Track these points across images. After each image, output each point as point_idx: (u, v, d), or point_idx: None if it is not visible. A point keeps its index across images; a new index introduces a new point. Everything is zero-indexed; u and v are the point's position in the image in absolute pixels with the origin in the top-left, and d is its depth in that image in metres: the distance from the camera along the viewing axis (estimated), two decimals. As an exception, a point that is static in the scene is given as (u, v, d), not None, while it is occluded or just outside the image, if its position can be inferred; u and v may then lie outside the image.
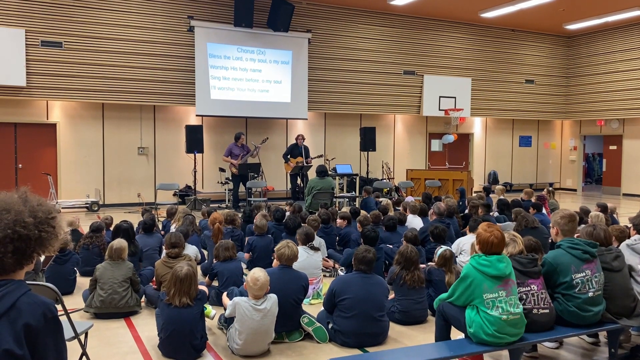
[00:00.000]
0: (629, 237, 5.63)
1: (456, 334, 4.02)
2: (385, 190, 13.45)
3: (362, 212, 8.46)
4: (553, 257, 3.94)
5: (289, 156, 13.27)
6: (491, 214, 8.62)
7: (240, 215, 8.16)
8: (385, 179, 15.28)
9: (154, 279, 5.42)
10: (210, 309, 4.84)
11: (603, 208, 7.82)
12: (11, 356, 1.69)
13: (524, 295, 3.76)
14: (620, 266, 4.07)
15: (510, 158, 18.88)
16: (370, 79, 15.63)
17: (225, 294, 4.84)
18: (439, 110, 16.38)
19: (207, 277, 5.63)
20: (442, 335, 3.93)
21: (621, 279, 4.05)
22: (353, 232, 7.17)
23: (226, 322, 4.47)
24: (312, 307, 5.34)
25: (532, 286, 3.79)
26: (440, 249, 5.29)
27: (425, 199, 9.75)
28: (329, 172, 12.18)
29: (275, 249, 4.73)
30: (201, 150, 12.67)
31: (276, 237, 6.79)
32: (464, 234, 7.01)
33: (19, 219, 1.81)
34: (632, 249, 4.48)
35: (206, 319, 4.56)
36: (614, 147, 18.19)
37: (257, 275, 4.12)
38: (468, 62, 17.09)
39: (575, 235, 4.14)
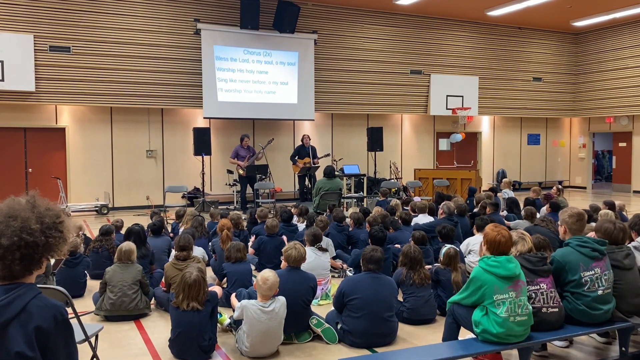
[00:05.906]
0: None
1: (464, 335, 4.01)
2: (393, 190, 13.42)
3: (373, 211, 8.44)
4: (562, 255, 3.91)
5: (296, 157, 13.28)
6: (501, 213, 8.59)
7: (244, 217, 8.17)
8: (393, 178, 15.24)
9: (163, 280, 5.45)
10: (225, 317, 4.76)
11: (610, 206, 7.72)
12: (23, 358, 1.71)
13: (533, 294, 3.73)
14: (631, 264, 4.04)
15: (519, 156, 18.77)
16: (376, 79, 15.61)
17: (233, 295, 4.86)
18: (447, 109, 16.34)
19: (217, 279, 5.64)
20: (451, 335, 3.91)
21: (632, 277, 4.02)
22: (361, 232, 7.16)
23: (235, 323, 4.48)
24: (321, 307, 5.34)
25: (541, 285, 3.77)
26: (445, 248, 5.28)
27: (438, 199, 9.64)
28: (337, 173, 12.16)
29: (282, 250, 4.73)
30: (209, 153, 12.70)
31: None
32: (473, 234, 6.98)
33: (25, 226, 1.81)
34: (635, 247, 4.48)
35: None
36: (624, 144, 18.04)
37: (267, 275, 4.16)
38: (475, 61, 17.02)
39: (593, 233, 4.12)
